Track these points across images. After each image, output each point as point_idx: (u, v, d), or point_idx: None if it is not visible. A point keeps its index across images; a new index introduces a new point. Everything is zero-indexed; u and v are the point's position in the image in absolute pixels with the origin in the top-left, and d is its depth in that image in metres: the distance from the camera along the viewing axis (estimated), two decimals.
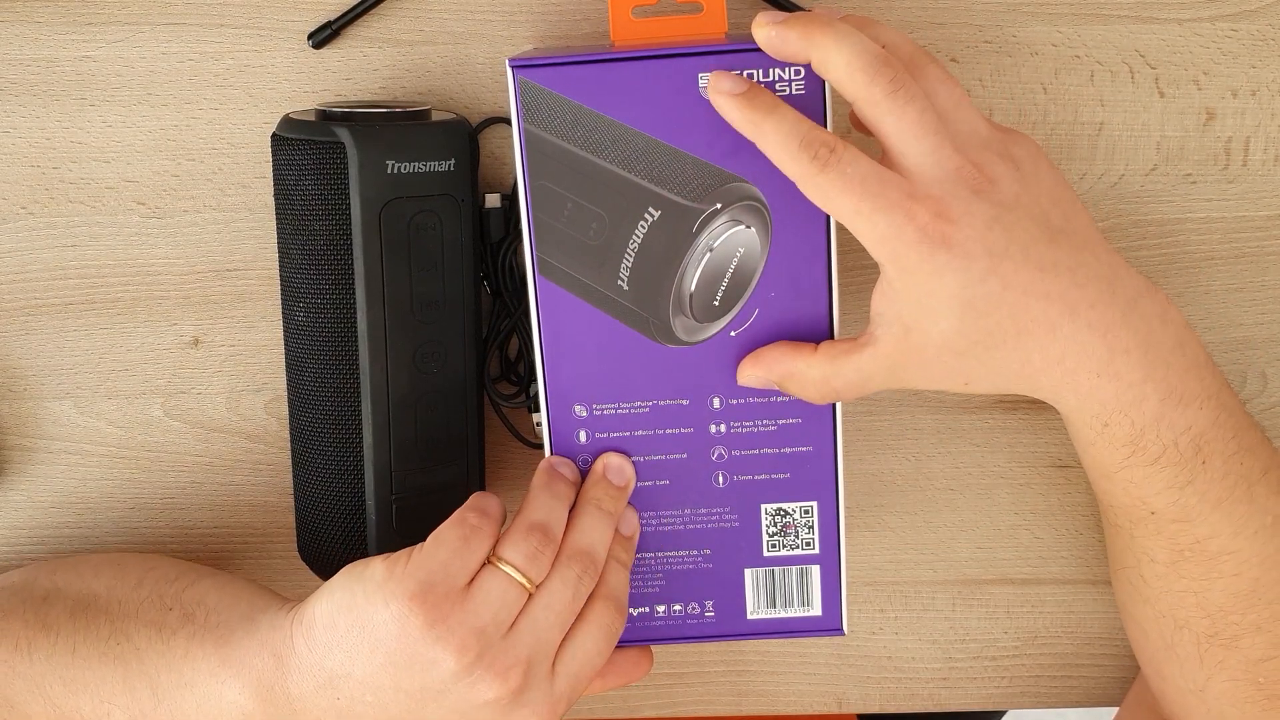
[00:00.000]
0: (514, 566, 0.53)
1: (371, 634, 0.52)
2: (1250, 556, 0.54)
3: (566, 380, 0.57)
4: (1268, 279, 0.64)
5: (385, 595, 0.51)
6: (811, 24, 0.50)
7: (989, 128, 0.52)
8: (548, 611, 0.53)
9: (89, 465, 0.66)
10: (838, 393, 0.55)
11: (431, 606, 0.51)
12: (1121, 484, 0.54)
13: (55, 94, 0.61)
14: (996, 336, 0.51)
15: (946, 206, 0.49)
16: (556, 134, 0.54)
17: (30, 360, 0.64)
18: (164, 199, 0.62)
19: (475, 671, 0.51)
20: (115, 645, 0.56)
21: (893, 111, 0.49)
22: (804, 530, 0.59)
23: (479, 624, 0.51)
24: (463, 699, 0.52)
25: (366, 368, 0.57)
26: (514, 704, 0.52)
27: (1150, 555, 0.56)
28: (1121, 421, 0.52)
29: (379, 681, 0.52)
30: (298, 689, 0.53)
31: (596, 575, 0.55)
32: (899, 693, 0.69)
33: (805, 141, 0.50)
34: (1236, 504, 0.53)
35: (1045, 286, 0.50)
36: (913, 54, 0.53)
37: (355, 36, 0.61)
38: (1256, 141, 0.62)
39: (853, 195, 0.49)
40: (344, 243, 0.56)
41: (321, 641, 0.53)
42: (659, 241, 0.55)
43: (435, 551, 0.52)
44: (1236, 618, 0.55)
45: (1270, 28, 0.61)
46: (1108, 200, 0.63)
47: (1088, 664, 0.68)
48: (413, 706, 0.52)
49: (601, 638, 0.55)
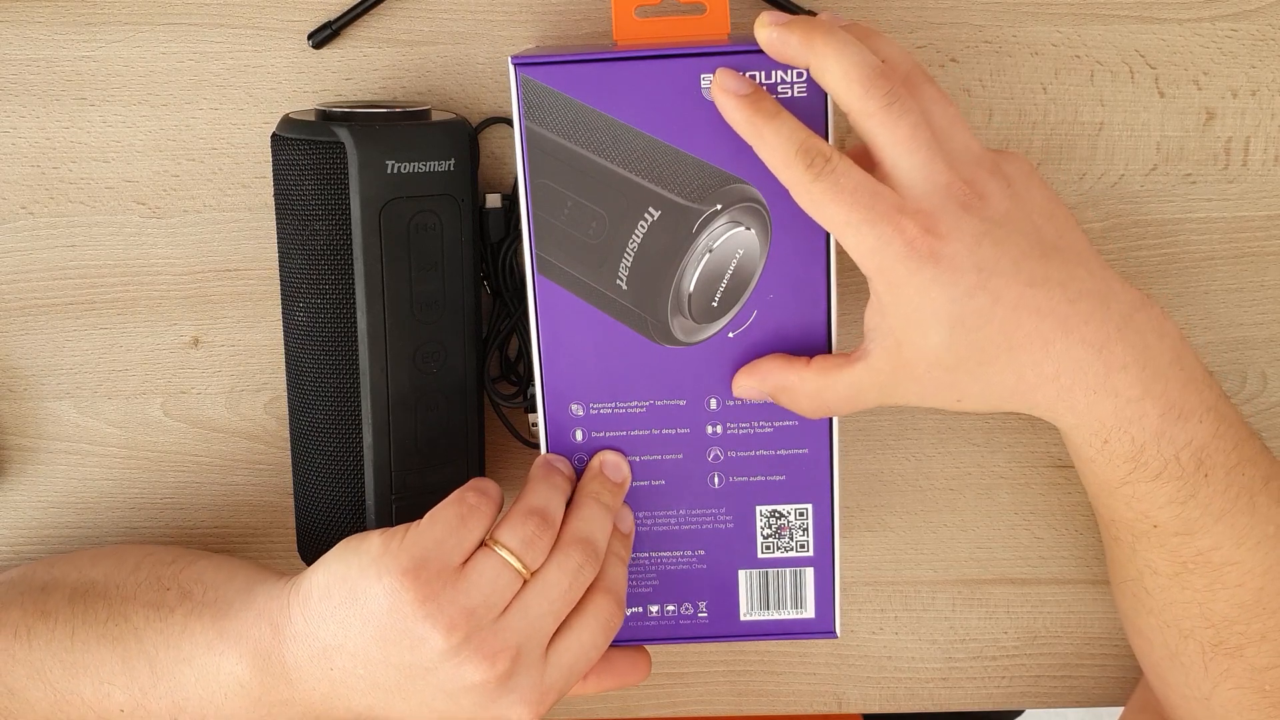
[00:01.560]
0: (509, 550, 0.53)
1: (364, 607, 0.52)
2: (1254, 567, 0.54)
3: (564, 378, 0.57)
4: (1268, 279, 0.63)
5: (379, 569, 0.52)
6: (813, 30, 0.50)
7: (981, 147, 0.53)
8: (542, 599, 0.53)
9: (89, 465, 0.66)
10: (830, 407, 0.55)
11: (423, 584, 0.51)
12: (1123, 499, 0.54)
13: (55, 94, 0.61)
14: (988, 352, 0.51)
15: (936, 221, 0.49)
16: (558, 132, 0.54)
17: (30, 360, 0.64)
18: (164, 199, 0.62)
19: (463, 652, 0.51)
20: (114, 627, 0.56)
21: (886, 125, 0.50)
22: (798, 532, 0.59)
23: (469, 604, 0.52)
24: (450, 679, 0.52)
25: (366, 368, 0.57)
26: (501, 689, 0.52)
27: (1153, 568, 0.56)
28: (1121, 438, 0.52)
29: (370, 655, 0.52)
30: (293, 658, 0.53)
31: (597, 566, 0.55)
32: (899, 693, 0.69)
33: (802, 150, 0.50)
34: (1239, 515, 0.53)
35: (1037, 302, 0.50)
36: (910, 70, 0.53)
37: (355, 36, 0.61)
38: (1256, 141, 0.62)
39: (843, 206, 0.49)
40: (344, 243, 0.56)
41: (316, 612, 0.53)
42: (658, 241, 0.55)
43: (431, 529, 0.53)
44: (1241, 627, 0.55)
45: (1270, 28, 0.61)
46: (1108, 200, 0.63)
47: (1088, 664, 0.68)
48: (402, 682, 0.52)
49: (598, 630, 0.55)
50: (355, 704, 0.54)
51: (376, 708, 0.54)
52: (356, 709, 0.54)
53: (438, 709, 0.53)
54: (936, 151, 0.50)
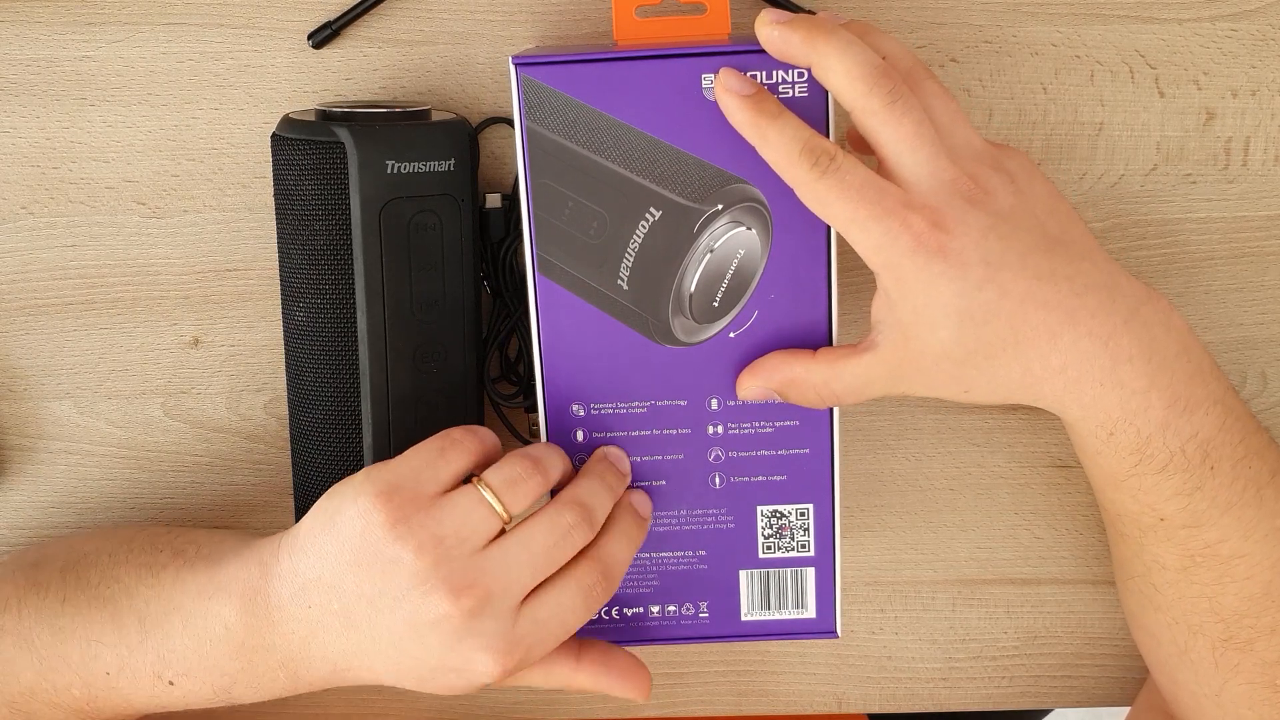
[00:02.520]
0: (490, 488, 0.53)
1: (339, 531, 0.52)
2: (1262, 559, 0.54)
3: (564, 378, 0.57)
4: (1268, 279, 0.64)
5: (355, 494, 0.52)
6: (815, 29, 0.50)
7: (983, 142, 0.53)
8: (523, 549, 0.53)
9: (89, 465, 0.66)
10: (838, 396, 0.55)
11: (395, 506, 0.51)
12: (1130, 491, 0.54)
13: (55, 94, 0.61)
14: (995, 345, 0.51)
15: (942, 216, 0.49)
16: (558, 132, 0.54)
17: (30, 360, 0.64)
18: (164, 199, 0.62)
19: (431, 580, 0.51)
20: (105, 589, 0.56)
21: (889, 122, 0.50)
22: (799, 533, 0.59)
23: (439, 532, 0.51)
24: (416, 611, 0.51)
25: (366, 368, 0.57)
26: (465, 628, 0.51)
27: (1161, 562, 0.56)
28: (1127, 430, 0.52)
29: (343, 584, 0.52)
30: (277, 596, 0.53)
31: (589, 533, 0.54)
32: (899, 693, 0.69)
33: (806, 148, 0.50)
34: (1246, 508, 0.53)
35: (1044, 295, 0.50)
36: (911, 66, 0.53)
37: (355, 36, 0.61)
38: (1256, 141, 0.62)
39: (849, 203, 0.50)
40: (344, 243, 0.56)
41: (300, 547, 0.53)
42: (659, 241, 0.55)
43: (411, 458, 0.53)
44: (1251, 621, 0.55)
45: (1270, 28, 0.61)
46: (1108, 200, 0.63)
47: (1088, 664, 0.68)
48: (371, 615, 0.52)
49: (578, 595, 0.54)
50: (331, 649, 0.53)
51: (350, 653, 0.53)
52: (332, 656, 0.53)
53: (407, 651, 0.52)
54: (940, 148, 0.50)
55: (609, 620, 0.60)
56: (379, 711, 0.69)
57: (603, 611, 0.60)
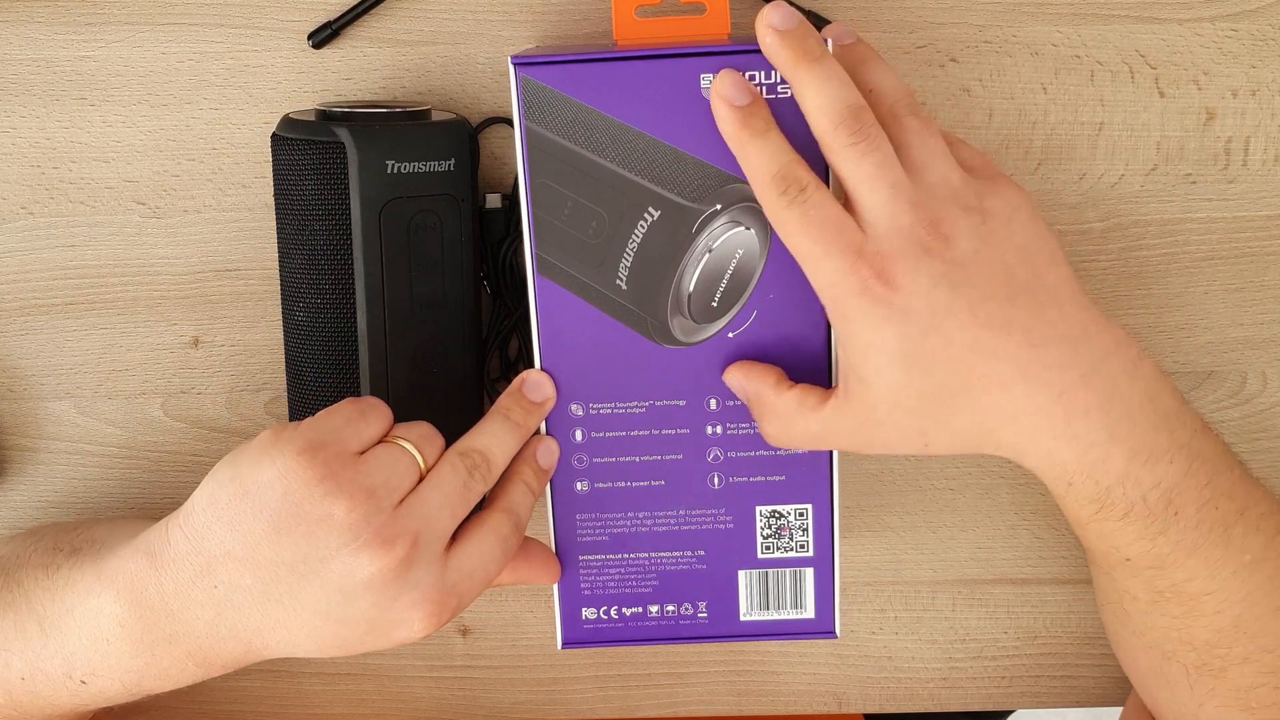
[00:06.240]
0: (409, 441, 0.53)
1: (255, 497, 0.50)
2: (1230, 595, 0.53)
3: (563, 378, 0.57)
4: (1268, 279, 0.63)
5: (271, 455, 0.50)
6: (800, 54, 0.50)
7: (963, 179, 0.52)
8: (437, 492, 0.52)
9: (89, 465, 0.66)
10: (793, 439, 0.55)
11: (321, 463, 0.50)
12: (1094, 534, 0.54)
13: (55, 94, 0.61)
14: (945, 392, 0.50)
15: (892, 265, 0.49)
16: (558, 132, 0.54)
17: (30, 360, 0.64)
18: (164, 199, 0.63)
19: (362, 536, 0.50)
20: (6, 594, 0.55)
21: (850, 160, 0.50)
22: (798, 533, 0.59)
23: (370, 484, 0.51)
24: (345, 574, 0.50)
25: (366, 368, 0.57)
26: (399, 580, 0.51)
27: (1131, 594, 0.56)
28: (1085, 482, 0.52)
29: (260, 554, 0.50)
30: (172, 583, 0.52)
31: (488, 478, 0.54)
32: (899, 693, 0.69)
33: (780, 175, 0.51)
34: (1212, 549, 0.53)
35: (993, 345, 0.50)
36: (896, 102, 0.53)
37: (355, 36, 0.61)
38: (1256, 141, 0.62)
39: (808, 238, 0.50)
40: (344, 243, 0.56)
41: (200, 524, 0.51)
42: (658, 241, 0.55)
43: (328, 418, 0.52)
44: (1223, 651, 0.54)
45: (1270, 28, 0.61)
46: (1108, 200, 0.63)
47: (1088, 664, 0.68)
48: (294, 584, 0.51)
49: (496, 544, 0.54)
50: (243, 628, 0.52)
51: (266, 629, 0.52)
52: (244, 635, 0.52)
53: (334, 616, 0.51)
54: (900, 191, 0.50)
55: (608, 620, 0.60)
56: (379, 711, 0.69)
57: (602, 611, 0.60)
